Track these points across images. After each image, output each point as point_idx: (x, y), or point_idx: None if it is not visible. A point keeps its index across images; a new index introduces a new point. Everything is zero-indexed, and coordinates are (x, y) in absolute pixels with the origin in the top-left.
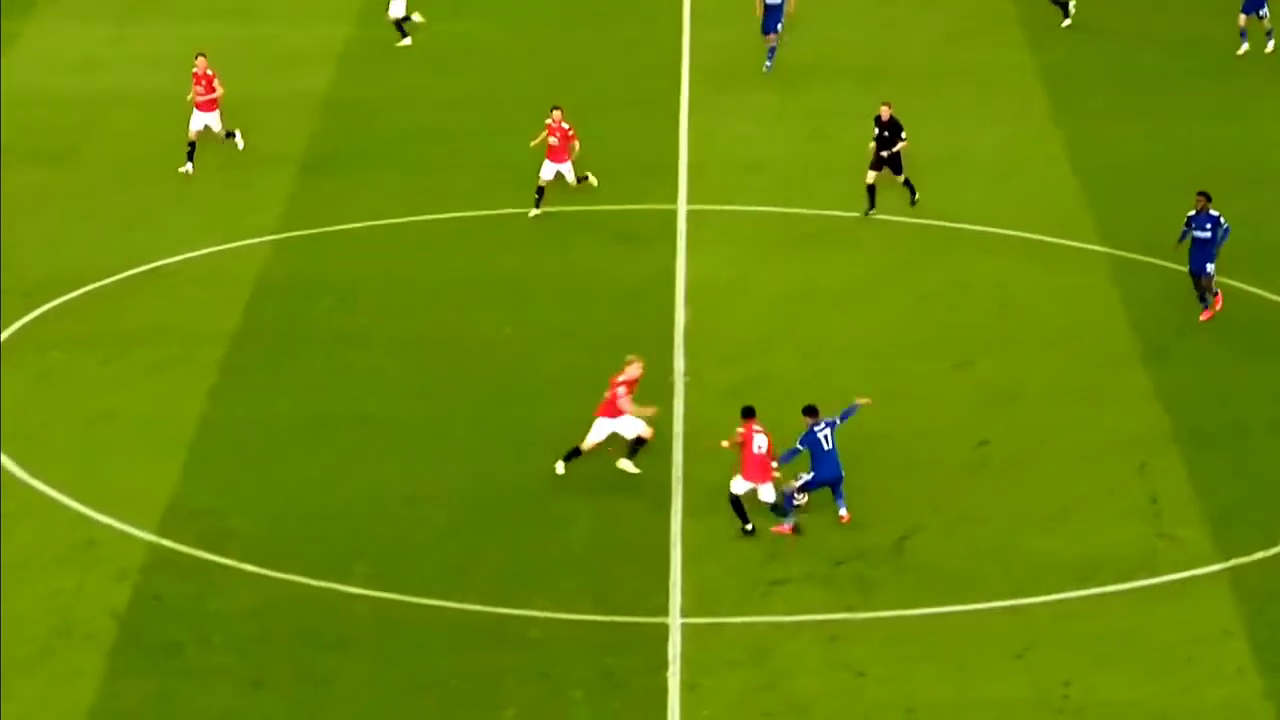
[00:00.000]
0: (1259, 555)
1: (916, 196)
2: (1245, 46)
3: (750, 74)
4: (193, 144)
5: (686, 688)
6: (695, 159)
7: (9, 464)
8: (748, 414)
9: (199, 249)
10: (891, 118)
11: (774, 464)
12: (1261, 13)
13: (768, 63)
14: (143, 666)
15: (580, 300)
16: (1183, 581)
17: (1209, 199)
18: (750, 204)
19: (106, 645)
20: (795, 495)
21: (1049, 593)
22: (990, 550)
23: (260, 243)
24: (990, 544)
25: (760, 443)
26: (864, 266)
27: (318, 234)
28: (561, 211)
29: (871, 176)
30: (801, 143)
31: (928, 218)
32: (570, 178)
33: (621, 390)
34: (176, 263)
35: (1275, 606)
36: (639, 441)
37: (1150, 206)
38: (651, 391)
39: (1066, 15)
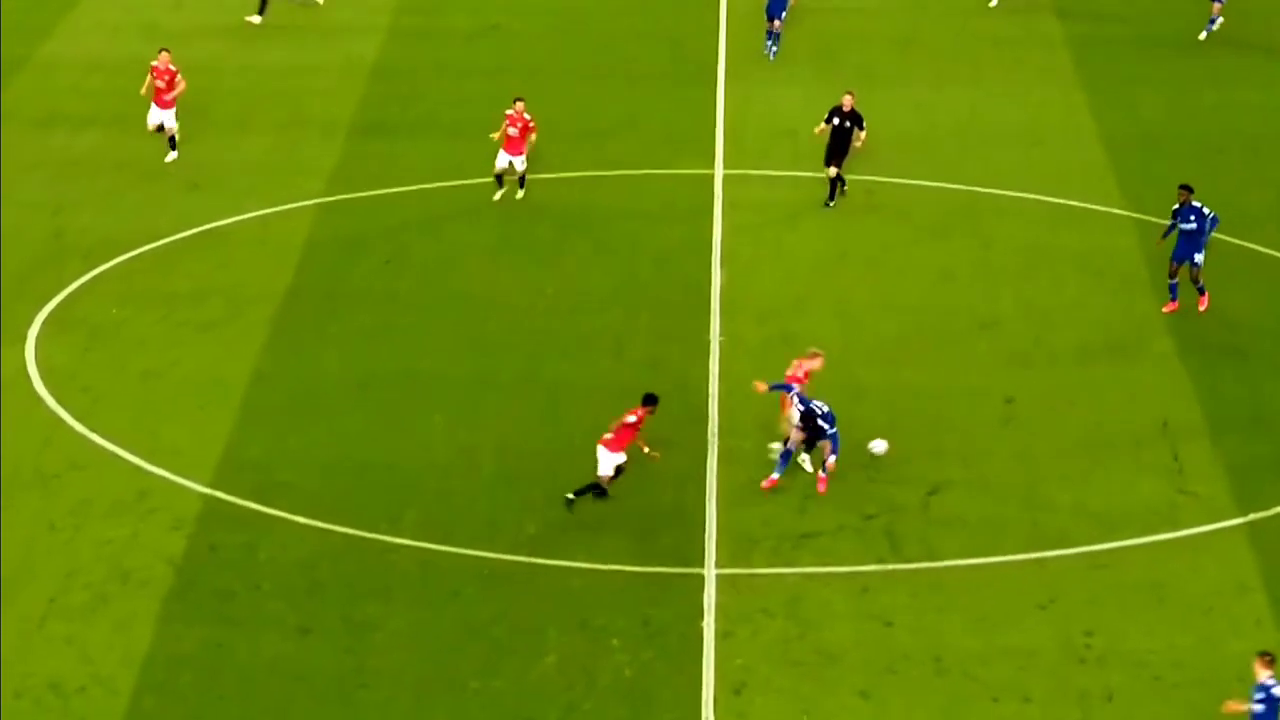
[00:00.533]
0: (1277, 510)
1: (842, 192)
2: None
3: (788, 41)
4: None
5: (721, 636)
6: (732, 125)
7: (67, 418)
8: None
9: (250, 211)
10: (853, 109)
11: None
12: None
13: (772, 48)
14: (196, 613)
15: (619, 262)
16: (1203, 536)
17: (1191, 191)
18: (785, 169)
19: (162, 592)
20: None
21: (1073, 546)
22: (1016, 505)
23: (309, 205)
24: (1016, 499)
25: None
26: (894, 229)
27: (365, 197)
28: (600, 176)
29: (832, 171)
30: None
31: (957, 183)
32: (520, 168)
33: (800, 378)
34: (229, 225)
35: None
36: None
37: (1173, 171)
38: (688, 350)
39: None
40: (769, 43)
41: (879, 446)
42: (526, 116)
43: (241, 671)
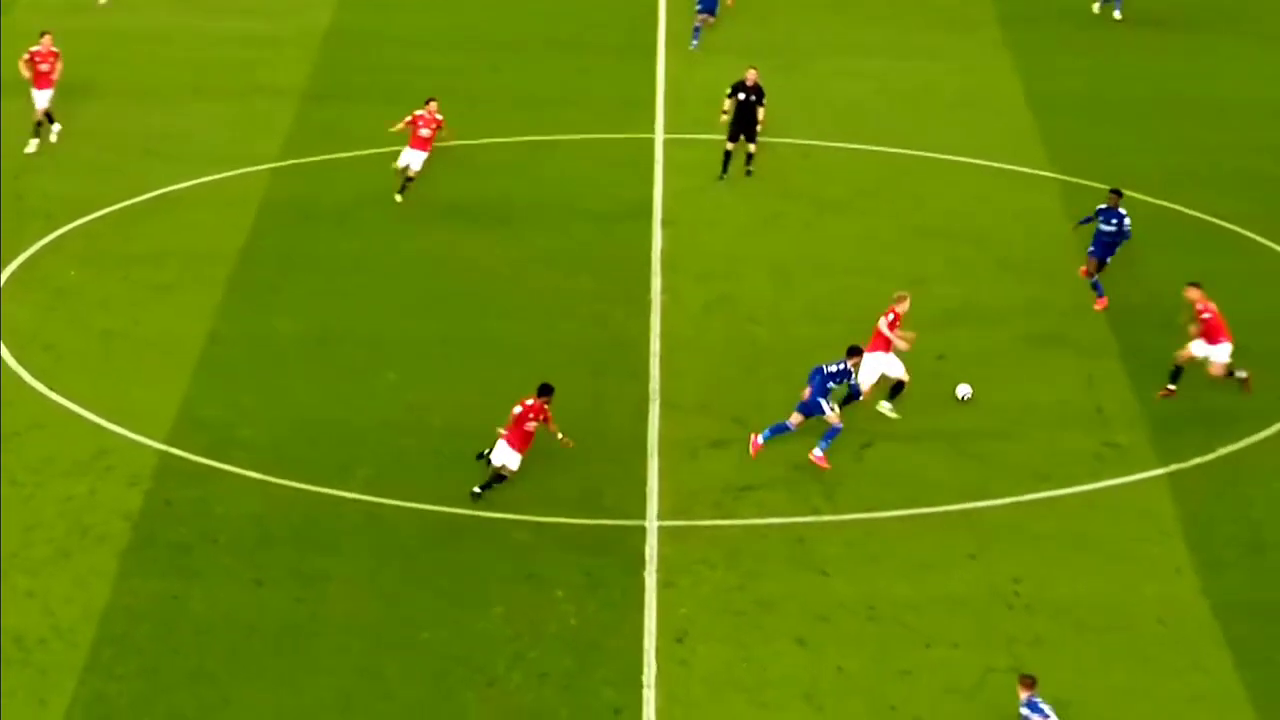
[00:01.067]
0: (1196, 461)
1: (748, 170)
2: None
3: (726, 8)
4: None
5: (663, 586)
6: (672, 91)
7: (28, 377)
8: None
9: (206, 176)
10: (756, 83)
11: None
12: None
13: (694, 42)
14: (153, 567)
15: (563, 224)
16: (1126, 486)
17: (1119, 196)
18: (724, 133)
19: (120, 546)
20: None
21: (1001, 496)
22: (946, 457)
23: (263, 170)
24: (946, 451)
25: None
26: (829, 191)
27: (318, 162)
28: (545, 140)
29: (731, 146)
30: (773, 74)
31: (889, 146)
32: (417, 168)
33: (888, 321)
34: (185, 189)
35: (1210, 509)
36: (900, 385)
37: (1097, 135)
38: (631, 309)
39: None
40: (696, 39)
41: (964, 391)
42: (439, 117)
43: (197, 623)
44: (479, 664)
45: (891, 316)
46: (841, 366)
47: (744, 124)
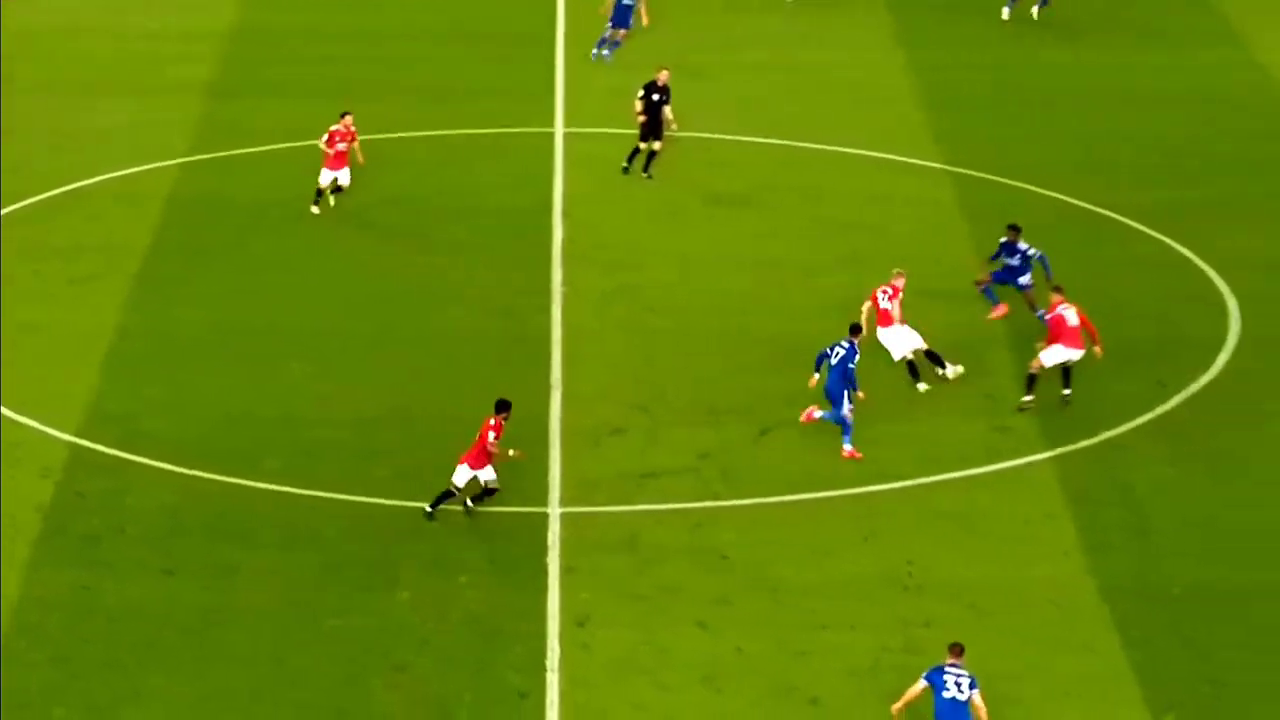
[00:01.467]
0: (1082, 444)
1: (647, 172)
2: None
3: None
4: None
5: (565, 572)
6: (572, 85)
7: None
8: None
9: (115, 171)
10: (666, 84)
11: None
12: None
13: (602, 51)
14: (65, 557)
15: (466, 217)
16: (1015, 469)
17: (1018, 232)
18: (625, 127)
19: (31, 537)
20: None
21: (895, 480)
22: (840, 442)
23: (172, 165)
24: (841, 436)
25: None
26: (728, 184)
27: (225, 157)
28: (448, 134)
29: (644, 145)
30: (672, 69)
31: (787, 139)
32: (344, 182)
33: (889, 295)
34: (94, 183)
35: (1096, 491)
36: (930, 352)
37: (987, 127)
38: (533, 300)
39: None
40: (604, 49)
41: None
42: (354, 129)
43: (108, 613)
44: (386, 650)
45: (891, 291)
46: (850, 345)
47: (653, 123)
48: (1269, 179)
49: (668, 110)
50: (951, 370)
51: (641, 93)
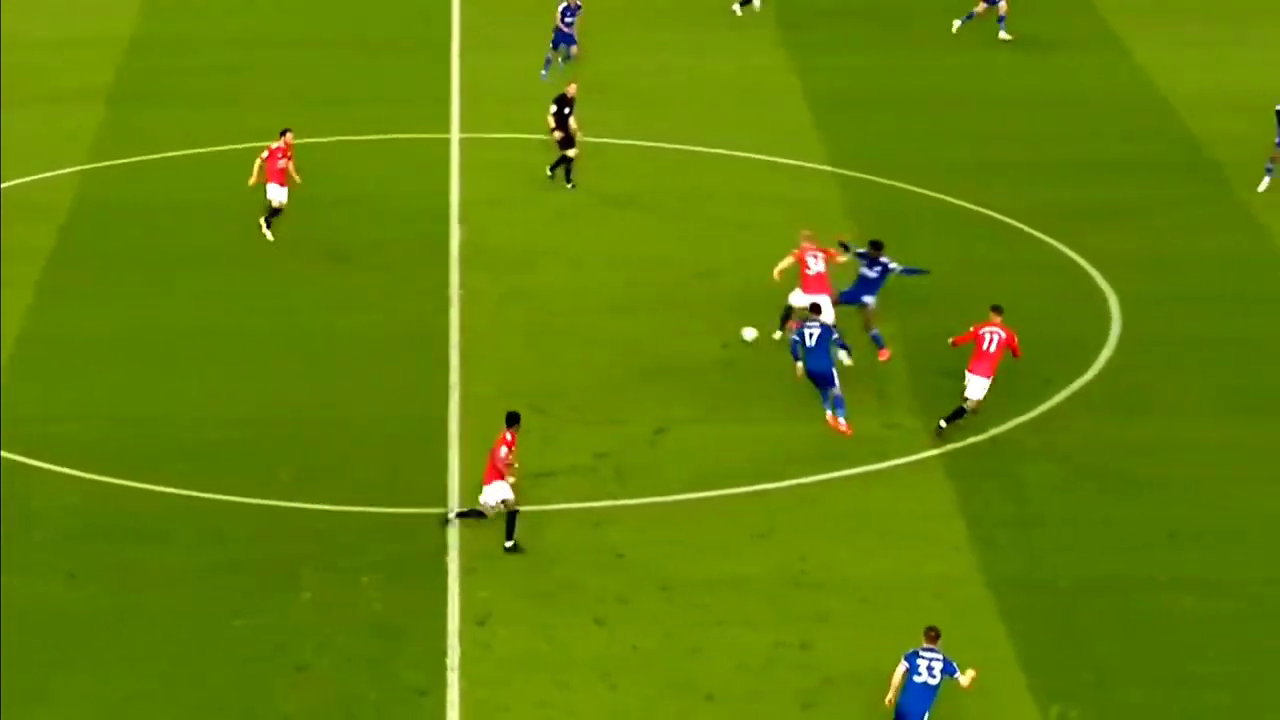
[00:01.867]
0: (971, 441)
1: (565, 177)
2: None
3: (519, 9)
4: None
5: (465, 572)
6: (467, 91)
7: None
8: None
9: (15, 179)
10: (574, 96)
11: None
12: None
13: (544, 72)
14: None
15: (365, 221)
16: (906, 466)
17: (879, 249)
18: (517, 132)
19: None
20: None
21: (789, 478)
22: (736, 441)
23: (73, 172)
24: (736, 435)
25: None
26: (619, 186)
27: (125, 164)
28: (346, 140)
29: (569, 154)
30: (566, 74)
31: (677, 142)
32: (282, 199)
33: (827, 255)
34: None
35: (985, 488)
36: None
37: (870, 129)
38: (431, 303)
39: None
40: (549, 68)
41: (749, 334)
42: (292, 146)
43: (15, 617)
44: (289, 650)
45: (822, 255)
46: (822, 326)
47: (567, 133)
48: (1148, 179)
49: (573, 120)
50: (847, 358)
51: (554, 107)
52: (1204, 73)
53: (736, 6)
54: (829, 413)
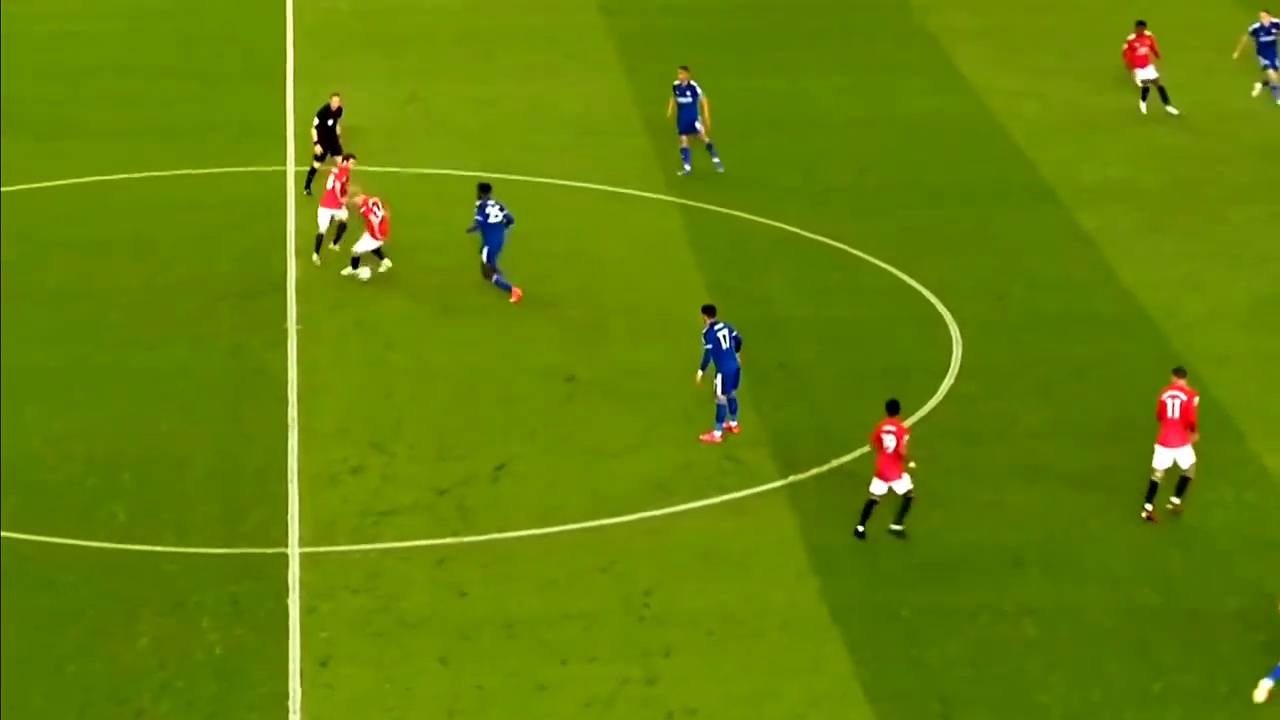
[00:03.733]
0: (813, 472)
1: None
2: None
3: (354, 39)
4: None
5: (306, 612)
6: (303, 122)
7: None
8: (891, 409)
9: None
10: (340, 107)
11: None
12: None
13: (686, 167)
14: None
15: (201, 255)
16: (748, 498)
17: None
18: (357, 164)
19: None
20: (719, 399)
21: (631, 512)
22: (578, 475)
23: None
24: (578, 470)
25: (889, 442)
26: (461, 218)
27: None
28: (181, 175)
29: (320, 167)
30: (402, 105)
31: (517, 173)
32: (340, 219)
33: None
34: None
35: (828, 517)
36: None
37: (710, 159)
38: (268, 337)
39: None
40: (687, 164)
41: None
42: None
43: None
44: (125, 695)
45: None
46: (728, 325)
47: (329, 146)
48: (985, 204)
49: (339, 128)
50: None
51: (316, 120)
52: (1036, 99)
53: None
54: (730, 421)
